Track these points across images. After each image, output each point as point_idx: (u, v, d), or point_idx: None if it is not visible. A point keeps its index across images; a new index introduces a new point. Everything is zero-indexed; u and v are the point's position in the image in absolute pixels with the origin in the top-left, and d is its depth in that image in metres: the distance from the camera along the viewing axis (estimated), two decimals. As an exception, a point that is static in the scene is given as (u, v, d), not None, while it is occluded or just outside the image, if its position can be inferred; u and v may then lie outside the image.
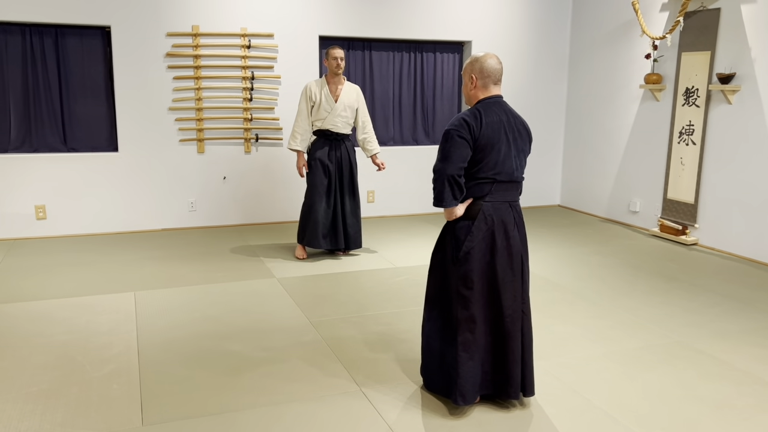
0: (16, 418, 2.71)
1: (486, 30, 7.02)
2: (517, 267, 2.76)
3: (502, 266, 2.73)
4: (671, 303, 4.26)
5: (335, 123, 5.01)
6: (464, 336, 2.73)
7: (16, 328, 3.70)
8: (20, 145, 5.76)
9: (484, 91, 2.75)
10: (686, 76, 5.85)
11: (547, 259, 5.30)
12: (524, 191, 7.50)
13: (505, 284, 2.73)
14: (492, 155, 2.68)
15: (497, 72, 2.74)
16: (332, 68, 4.97)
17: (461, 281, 2.73)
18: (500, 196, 2.74)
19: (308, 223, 5.09)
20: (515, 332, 2.75)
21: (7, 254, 5.25)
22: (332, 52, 4.95)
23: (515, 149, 2.74)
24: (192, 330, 3.70)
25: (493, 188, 2.72)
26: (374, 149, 5.22)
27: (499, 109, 2.73)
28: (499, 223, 2.73)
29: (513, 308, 2.75)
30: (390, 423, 2.70)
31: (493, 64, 2.73)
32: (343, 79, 5.08)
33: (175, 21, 5.91)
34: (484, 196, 2.72)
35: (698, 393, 3.01)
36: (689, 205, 5.90)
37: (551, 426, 2.69)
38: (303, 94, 5.04)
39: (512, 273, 2.75)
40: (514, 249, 2.76)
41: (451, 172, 2.65)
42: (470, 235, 2.71)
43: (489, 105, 2.72)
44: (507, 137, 2.71)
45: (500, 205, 2.75)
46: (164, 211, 6.18)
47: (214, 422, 2.70)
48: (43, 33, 5.67)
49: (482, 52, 2.78)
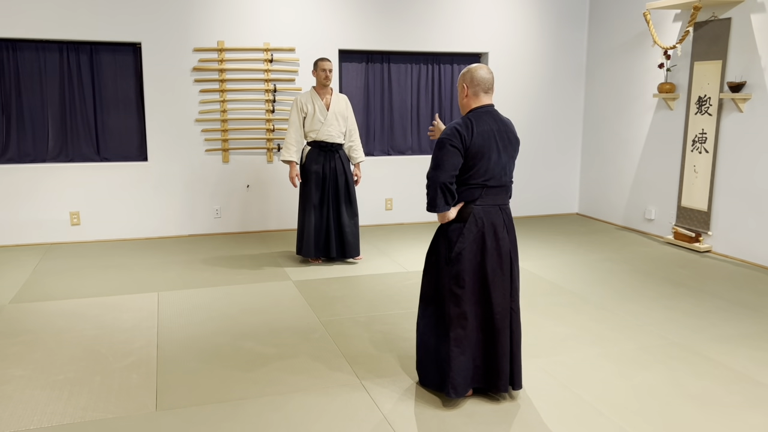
0: (44, 402, 2.96)
1: (503, 41, 7.19)
2: (506, 266, 2.92)
3: (492, 266, 2.89)
4: (675, 308, 4.34)
5: (330, 133, 5.19)
6: (456, 332, 2.89)
7: (49, 323, 3.98)
8: (57, 155, 6.13)
9: (476, 100, 2.91)
10: (699, 85, 5.92)
11: (558, 266, 5.41)
12: (543, 199, 7.64)
13: (495, 283, 2.90)
14: (483, 162, 2.84)
15: (487, 81, 2.89)
16: (320, 80, 5.14)
17: (453, 280, 2.90)
18: (490, 200, 2.91)
19: (303, 234, 5.25)
20: (504, 328, 2.91)
21: (44, 257, 5.58)
22: (321, 64, 5.11)
23: (506, 156, 2.90)
24: (209, 327, 3.93)
25: (483, 193, 2.88)
26: (359, 158, 5.37)
27: (490, 118, 2.89)
28: (489, 226, 2.89)
29: (502, 305, 2.91)
30: (385, 413, 2.87)
31: (483, 74, 2.89)
32: (331, 90, 5.26)
33: (202, 37, 6.22)
34: (475, 200, 2.89)
35: (688, 391, 3.11)
36: (702, 212, 5.94)
37: (538, 418, 2.83)
38: (294, 106, 5.19)
39: (502, 272, 2.91)
40: (503, 249, 2.91)
41: (443, 180, 2.82)
42: (461, 237, 2.88)
43: (480, 114, 2.88)
44: (497, 145, 2.87)
45: (490, 209, 2.91)
46: (190, 218, 6.47)
47: (221, 409, 2.91)
48: (79, 50, 6.03)
49: (475, 64, 2.95)
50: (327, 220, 5.25)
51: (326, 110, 5.17)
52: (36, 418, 2.82)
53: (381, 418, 2.83)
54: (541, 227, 7.04)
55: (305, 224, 5.23)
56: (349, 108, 5.34)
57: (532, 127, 7.48)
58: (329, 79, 5.14)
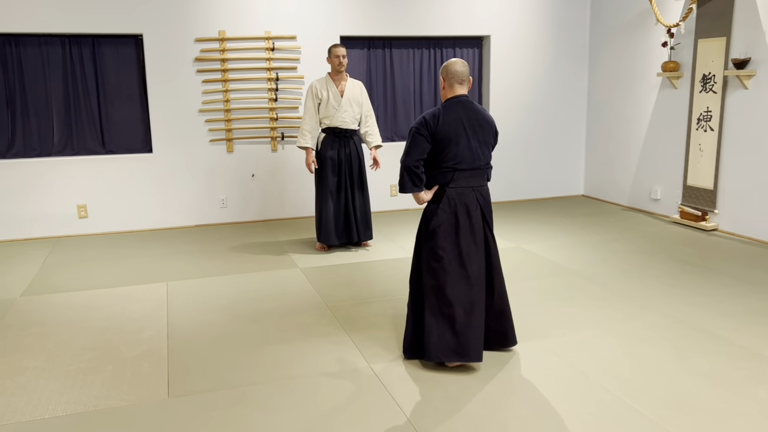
0: (58, 391, 3.01)
1: (505, 24, 7.15)
2: (479, 241, 3.17)
3: (466, 242, 3.14)
4: (681, 286, 4.35)
5: (343, 119, 5.21)
6: (430, 300, 3.14)
7: (60, 315, 4.03)
8: (62, 148, 6.16)
9: (451, 90, 3.21)
10: (703, 62, 5.88)
11: (564, 247, 5.42)
12: (548, 182, 7.64)
13: (469, 257, 3.13)
14: (451, 147, 3.11)
15: (460, 74, 3.19)
16: (335, 66, 5.15)
17: (430, 255, 3.16)
18: (463, 182, 3.16)
19: (321, 221, 5.30)
20: (480, 299, 3.15)
21: (53, 250, 5.63)
22: (334, 51, 5.13)
23: (475, 141, 3.15)
24: (218, 315, 3.97)
25: (455, 176, 3.14)
26: (375, 141, 5.37)
27: (461, 107, 3.16)
28: (461, 206, 3.15)
29: (478, 278, 3.15)
30: (393, 395, 2.90)
31: (457, 68, 3.19)
32: (346, 76, 5.26)
33: (203, 27, 6.22)
34: (448, 183, 3.16)
35: (694, 367, 3.13)
36: (708, 191, 5.93)
37: (546, 396, 2.85)
38: (309, 92, 5.22)
39: (476, 247, 3.16)
40: (476, 227, 3.16)
41: (409, 164, 3.12)
42: (436, 216, 3.16)
43: (452, 104, 3.17)
44: (466, 132, 3.12)
45: (463, 190, 3.16)
46: (197, 208, 6.51)
47: (231, 394, 2.95)
48: (81, 43, 6.05)
49: (452, 59, 3.25)
50: (345, 205, 5.31)
51: (340, 96, 5.19)
52: (51, 407, 2.87)
53: (389, 399, 2.86)
54: (546, 209, 7.04)
55: (323, 211, 5.27)
56: (364, 94, 5.35)
57: (535, 109, 7.46)
58: (343, 66, 5.15)
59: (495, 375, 3.07)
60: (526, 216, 6.69)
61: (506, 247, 5.43)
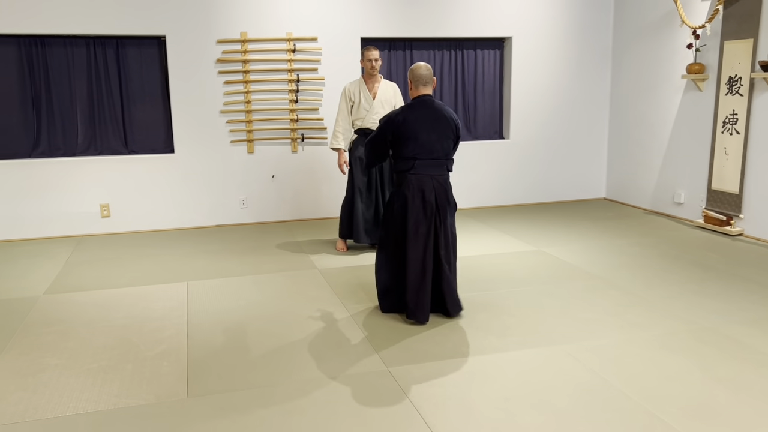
0: (78, 389, 3.04)
1: (527, 25, 7.10)
2: (431, 223, 3.67)
3: (416, 221, 3.67)
4: (704, 292, 4.28)
5: (374, 120, 5.22)
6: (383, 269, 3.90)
7: (81, 313, 4.08)
8: (86, 148, 6.24)
9: (416, 91, 3.76)
10: (729, 64, 5.78)
11: (585, 251, 5.37)
12: (569, 184, 7.58)
13: (417, 237, 3.67)
14: (410, 141, 3.64)
15: (424, 77, 3.73)
16: (367, 69, 5.19)
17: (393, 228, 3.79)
18: (422, 171, 3.69)
19: (350, 219, 5.34)
20: (428, 272, 3.69)
21: (76, 249, 5.71)
22: (367, 54, 5.17)
23: (434, 135, 3.66)
24: (237, 315, 3.99)
25: (416, 164, 3.68)
26: None
27: (423, 106, 3.70)
28: (417, 190, 3.68)
29: (425, 256, 3.68)
30: (411, 398, 2.89)
31: (422, 72, 3.73)
32: (379, 78, 5.29)
33: (225, 28, 6.26)
34: (409, 170, 3.69)
35: (717, 375, 3.07)
36: (734, 195, 5.83)
37: (566, 403, 2.82)
38: (342, 95, 5.29)
39: (426, 229, 3.67)
40: (428, 210, 3.67)
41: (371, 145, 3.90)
42: (398, 196, 3.74)
43: (416, 104, 3.72)
44: (426, 126, 3.64)
45: (422, 177, 3.69)
46: (217, 209, 6.55)
47: (250, 395, 2.96)
48: (105, 44, 6.12)
49: (417, 63, 3.79)
50: (375, 204, 5.34)
51: (372, 99, 5.22)
52: (71, 405, 2.90)
53: (407, 403, 2.85)
54: (567, 212, 6.97)
55: (353, 209, 5.30)
56: (398, 95, 5.37)
57: (557, 112, 7.40)
58: (375, 69, 5.18)
59: (513, 380, 3.05)
60: (547, 219, 6.63)
61: (526, 250, 5.39)
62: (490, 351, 3.40)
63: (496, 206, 7.36)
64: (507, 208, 7.29)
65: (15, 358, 3.42)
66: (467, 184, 7.17)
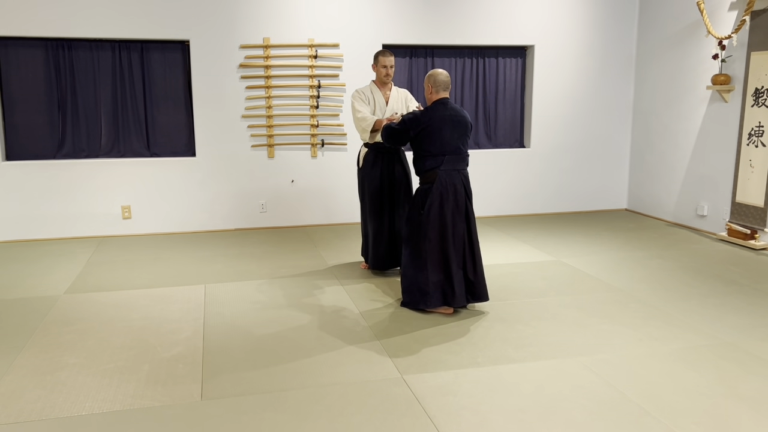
0: (95, 389, 3.07)
1: (549, 33, 7.07)
2: (462, 212, 4.02)
3: (452, 212, 3.99)
4: (726, 306, 4.21)
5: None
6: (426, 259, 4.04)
7: (100, 313, 4.12)
8: (109, 150, 6.32)
9: (436, 95, 4.09)
10: (755, 76, 5.70)
11: (605, 262, 5.30)
12: (590, 195, 7.52)
13: (455, 223, 3.99)
14: (437, 138, 3.98)
15: (444, 82, 4.08)
16: (381, 76, 4.81)
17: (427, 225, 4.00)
18: (450, 166, 4.03)
19: (368, 245, 5.00)
20: (459, 260, 4.02)
21: (96, 250, 5.77)
22: (383, 59, 4.77)
23: (456, 133, 4.02)
24: (254, 319, 4.00)
25: (445, 160, 4.00)
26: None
27: (444, 107, 4.04)
28: (450, 185, 4.01)
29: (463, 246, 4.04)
30: (425, 407, 2.87)
31: (442, 77, 4.08)
32: (390, 85, 4.95)
33: (248, 34, 6.31)
34: (439, 166, 4.00)
35: (739, 391, 3.01)
36: (759, 208, 5.73)
37: (583, 416, 2.78)
38: (356, 97, 4.85)
39: (459, 216, 4.01)
40: (459, 201, 4.02)
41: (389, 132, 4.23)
42: (431, 193, 4.00)
43: (438, 105, 4.05)
44: (449, 126, 3.99)
45: (451, 172, 4.03)
46: (236, 212, 6.59)
47: (264, 399, 2.96)
48: (130, 48, 6.21)
49: (435, 70, 4.11)
50: (390, 227, 4.92)
51: (385, 105, 4.86)
52: (88, 404, 2.93)
53: (421, 411, 2.83)
54: (588, 223, 6.91)
55: (369, 233, 4.96)
56: (410, 98, 5.00)
57: (579, 121, 7.34)
58: (390, 77, 4.81)
59: (529, 392, 3.01)
60: (568, 229, 6.58)
61: (546, 261, 5.34)
62: (506, 361, 3.37)
63: (516, 215, 7.32)
64: (527, 217, 7.24)
65: (34, 355, 3.46)
66: (488, 193, 7.14)
